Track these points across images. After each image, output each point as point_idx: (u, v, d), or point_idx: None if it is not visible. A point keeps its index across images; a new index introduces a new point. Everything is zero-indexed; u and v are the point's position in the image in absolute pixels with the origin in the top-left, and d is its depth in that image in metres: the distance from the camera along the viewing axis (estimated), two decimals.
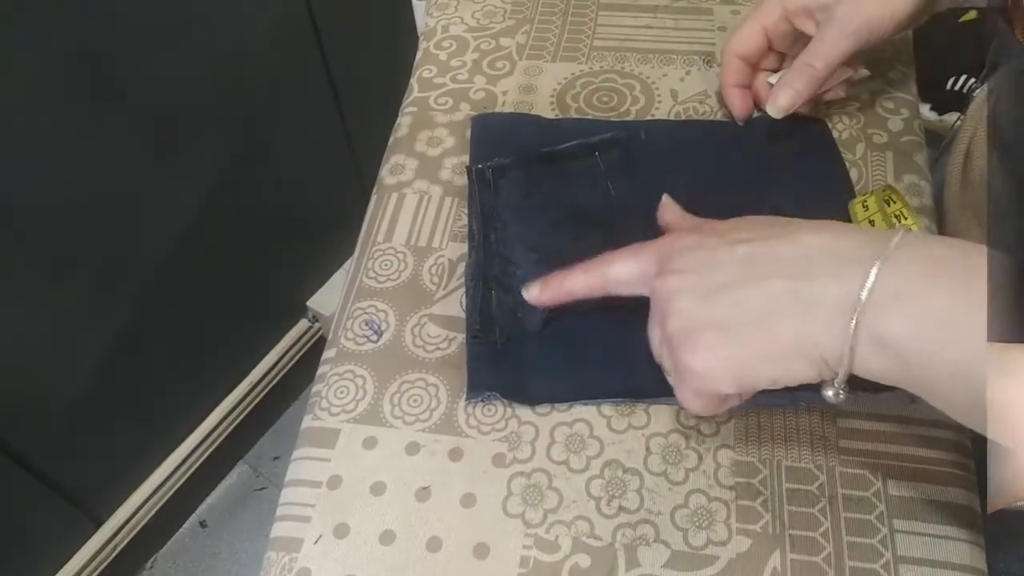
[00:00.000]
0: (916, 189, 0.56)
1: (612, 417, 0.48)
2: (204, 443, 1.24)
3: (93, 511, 1.13)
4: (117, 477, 1.15)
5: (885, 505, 0.44)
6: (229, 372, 1.26)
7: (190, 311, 1.11)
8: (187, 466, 1.23)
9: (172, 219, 1.00)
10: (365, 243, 0.56)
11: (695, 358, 0.38)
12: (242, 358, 1.27)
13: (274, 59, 1.04)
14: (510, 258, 0.54)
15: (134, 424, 1.11)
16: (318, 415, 0.49)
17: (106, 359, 1.00)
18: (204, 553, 1.29)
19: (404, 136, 0.62)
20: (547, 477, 0.46)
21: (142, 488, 1.18)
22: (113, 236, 0.92)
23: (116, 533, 1.16)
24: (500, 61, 0.67)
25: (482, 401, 0.48)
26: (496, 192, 0.57)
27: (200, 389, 1.22)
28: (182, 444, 1.22)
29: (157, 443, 1.19)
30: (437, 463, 0.46)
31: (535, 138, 0.60)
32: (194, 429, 1.23)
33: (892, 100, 0.62)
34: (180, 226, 1.01)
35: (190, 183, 1.00)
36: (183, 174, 0.98)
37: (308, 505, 0.45)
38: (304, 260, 1.30)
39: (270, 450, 1.37)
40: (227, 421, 1.26)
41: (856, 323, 0.34)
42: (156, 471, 1.19)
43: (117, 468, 1.14)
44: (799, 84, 0.55)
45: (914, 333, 0.33)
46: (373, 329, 0.52)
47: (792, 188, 0.56)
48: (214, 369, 1.22)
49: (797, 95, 0.55)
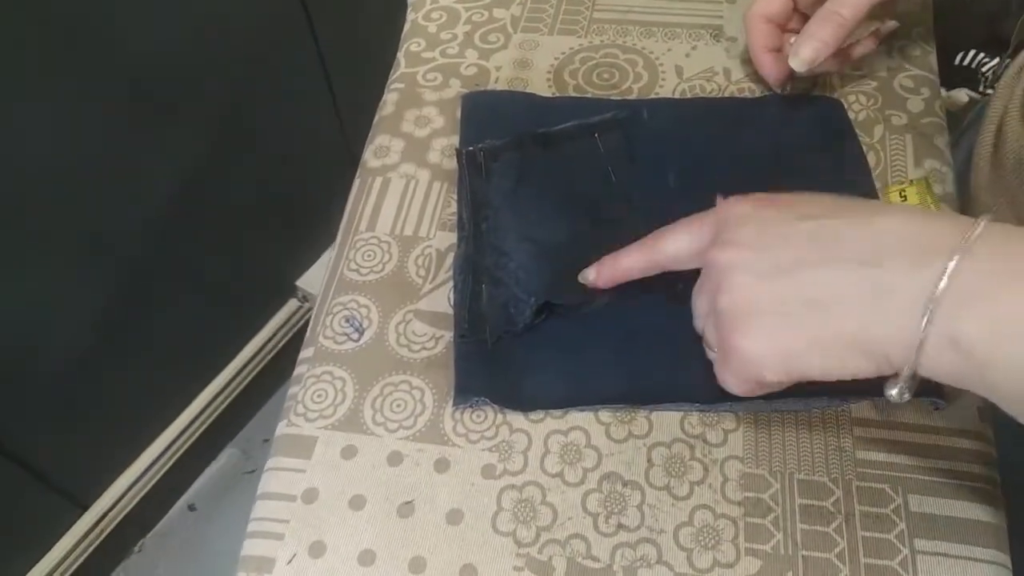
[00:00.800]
0: (938, 175, 0.53)
1: (611, 424, 0.44)
2: (192, 425, 1.22)
3: (78, 496, 1.11)
4: (102, 461, 1.13)
5: (906, 523, 0.40)
6: (217, 353, 1.23)
7: (176, 290, 1.08)
8: (175, 449, 1.21)
9: (154, 195, 0.96)
10: (346, 232, 0.53)
11: (747, 340, 0.35)
12: (231, 339, 1.24)
13: (260, 28, 0.99)
14: (502, 249, 0.50)
15: (119, 407, 1.09)
16: (293, 421, 0.45)
17: (88, 340, 0.97)
18: (193, 537, 1.27)
19: (390, 115, 0.58)
20: (540, 491, 0.42)
21: (128, 472, 1.16)
22: (94, 212, 0.89)
23: (102, 518, 1.14)
24: (493, 34, 0.62)
25: (470, 407, 0.45)
26: (488, 177, 0.53)
27: (187, 370, 1.19)
28: (169, 427, 1.19)
29: (143, 426, 1.17)
30: (421, 475, 0.43)
31: (530, 118, 0.56)
32: (181, 411, 1.20)
33: (912, 78, 0.58)
34: (163, 203, 0.97)
35: (173, 159, 0.96)
36: (166, 149, 0.94)
37: (281, 521, 0.42)
38: (293, 238, 1.27)
39: (260, 432, 1.34)
40: (215, 403, 1.24)
41: (928, 321, 0.30)
42: (143, 454, 1.17)
43: (102, 452, 1.12)
44: (824, 34, 0.50)
45: (994, 337, 0.30)
46: (354, 326, 0.48)
47: (808, 174, 0.52)
48: (202, 350, 1.19)
49: (823, 46, 0.51)
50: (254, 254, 1.21)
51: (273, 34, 1.02)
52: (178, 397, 1.19)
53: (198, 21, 0.90)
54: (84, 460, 1.09)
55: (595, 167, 0.53)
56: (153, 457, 1.17)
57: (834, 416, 0.44)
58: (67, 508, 1.10)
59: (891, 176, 0.52)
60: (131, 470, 1.16)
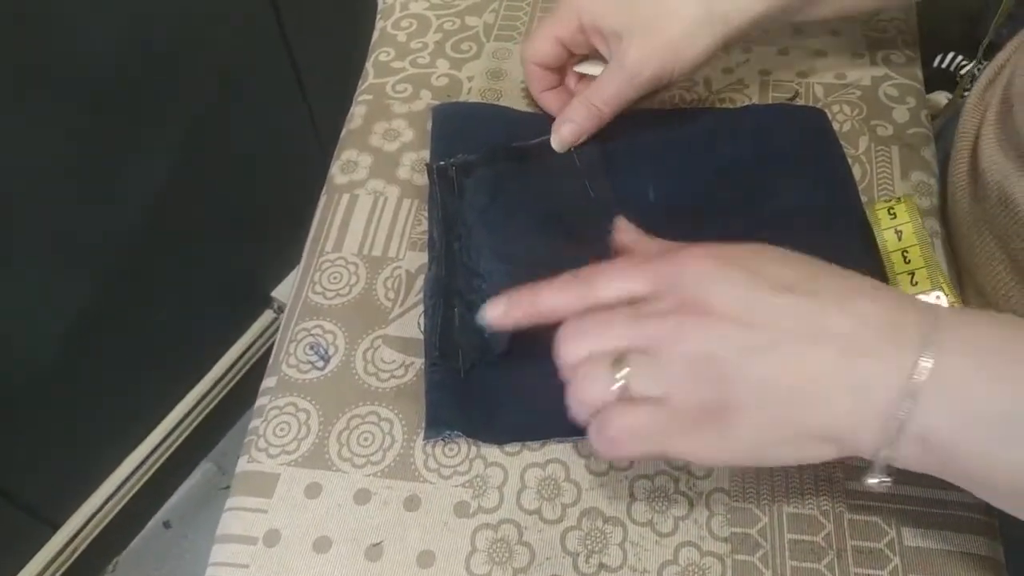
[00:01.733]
0: (925, 188, 0.51)
1: (590, 457, 0.42)
2: (166, 440, 1.19)
3: (48, 515, 1.08)
4: (73, 478, 1.10)
5: (900, 558, 0.38)
6: (191, 366, 1.20)
7: (149, 302, 1.05)
8: (149, 465, 1.18)
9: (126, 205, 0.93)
10: (312, 252, 0.50)
11: (690, 442, 0.32)
12: (205, 351, 1.22)
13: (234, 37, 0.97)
14: (476, 270, 0.47)
15: (91, 422, 1.06)
16: (254, 456, 0.43)
17: (58, 353, 0.94)
18: (168, 554, 1.24)
19: (358, 128, 0.56)
20: (517, 530, 0.40)
21: (101, 489, 1.13)
22: (64, 223, 0.86)
23: (74, 537, 1.11)
24: (466, 43, 0.60)
25: (443, 440, 0.42)
26: (460, 193, 0.50)
27: (161, 383, 1.17)
28: (143, 442, 1.16)
29: (116, 442, 1.14)
30: (391, 514, 0.40)
31: (504, 131, 0.53)
32: (155, 426, 1.17)
33: (896, 87, 0.56)
34: (135, 213, 0.95)
35: (146, 168, 0.94)
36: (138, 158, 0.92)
37: (241, 566, 0.39)
38: (268, 248, 1.24)
39: (235, 447, 1.31)
40: (190, 418, 1.21)
41: (903, 419, 0.30)
42: (116, 471, 1.14)
43: (73, 469, 1.09)
44: (581, 119, 0.50)
45: (964, 431, 0.29)
46: (319, 354, 0.45)
47: (792, 188, 0.50)
48: (175, 363, 1.17)
49: (582, 132, 0.50)
50: (228, 264, 1.18)
51: (246, 43, 1.00)
52: (152, 411, 1.16)
53: (172, 30, 0.88)
54: (54, 477, 1.05)
55: (572, 182, 0.51)
56: (126, 473, 1.15)
57: None
58: (37, 528, 1.06)
59: (877, 190, 0.51)
60: (103, 487, 1.13)
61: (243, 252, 1.19)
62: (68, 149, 0.82)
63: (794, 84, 0.56)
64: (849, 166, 0.51)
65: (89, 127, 0.83)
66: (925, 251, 0.45)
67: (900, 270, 0.45)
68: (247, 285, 1.24)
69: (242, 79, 1.02)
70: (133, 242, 0.96)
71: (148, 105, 0.89)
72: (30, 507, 1.03)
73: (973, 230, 0.46)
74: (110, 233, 0.93)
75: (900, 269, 0.45)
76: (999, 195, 0.44)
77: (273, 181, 1.17)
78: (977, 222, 0.46)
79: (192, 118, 0.97)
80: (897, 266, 0.45)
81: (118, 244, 0.94)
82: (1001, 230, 0.44)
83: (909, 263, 0.45)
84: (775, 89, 0.56)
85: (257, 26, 1.01)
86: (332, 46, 1.14)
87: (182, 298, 1.12)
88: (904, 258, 0.45)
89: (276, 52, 1.06)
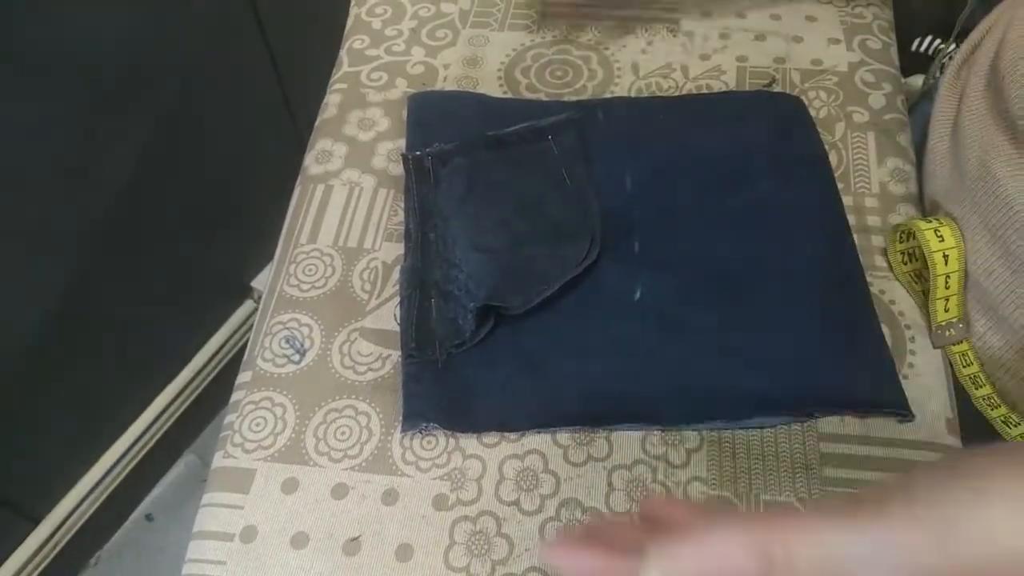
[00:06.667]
0: (901, 175, 0.51)
1: (569, 447, 0.42)
2: (147, 433, 1.18)
3: (29, 509, 1.07)
4: (53, 472, 1.09)
5: None
6: (171, 357, 1.19)
7: (127, 292, 1.04)
8: (130, 457, 1.17)
9: (102, 195, 0.92)
10: (286, 244, 0.50)
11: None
12: (185, 341, 1.21)
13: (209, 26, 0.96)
14: (452, 260, 0.47)
15: (70, 415, 1.05)
16: (230, 452, 0.42)
17: (35, 344, 0.93)
18: (151, 548, 1.23)
19: (332, 117, 0.55)
20: (495, 521, 0.40)
21: (82, 483, 1.12)
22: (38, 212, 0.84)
23: (55, 531, 1.10)
24: (441, 30, 0.59)
25: (420, 432, 0.42)
26: (437, 183, 0.50)
27: (141, 375, 1.16)
28: (124, 434, 1.15)
29: (96, 434, 1.13)
30: (369, 508, 0.40)
31: (481, 120, 0.53)
32: (136, 418, 1.16)
33: (873, 72, 0.56)
34: (111, 202, 0.93)
35: (122, 157, 0.92)
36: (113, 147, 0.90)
37: (217, 563, 0.39)
38: (248, 238, 1.23)
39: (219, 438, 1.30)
40: (171, 409, 1.20)
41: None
42: (96, 464, 1.13)
43: (53, 462, 1.08)
44: None
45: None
46: (295, 347, 0.45)
47: (769, 176, 0.50)
48: (155, 354, 1.16)
49: None
50: (207, 255, 1.17)
51: (222, 31, 0.98)
52: (132, 403, 1.15)
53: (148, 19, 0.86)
54: (34, 471, 1.05)
55: (549, 170, 0.51)
56: (107, 466, 1.13)
57: (800, 431, 0.42)
58: (17, 523, 1.05)
59: (854, 177, 0.51)
60: (84, 480, 1.12)
61: (222, 242, 1.18)
62: (42, 141, 0.81)
63: (771, 70, 0.56)
64: (826, 153, 0.51)
65: (63, 117, 0.82)
66: (963, 278, 0.44)
67: (940, 295, 0.44)
68: (227, 275, 1.23)
69: (218, 68, 1.00)
70: (111, 232, 0.95)
71: (123, 95, 0.88)
72: (10, 502, 1.02)
73: (955, 207, 0.46)
74: (88, 223, 0.92)
75: (940, 294, 0.44)
76: (980, 171, 0.44)
77: (251, 170, 1.16)
78: (954, 196, 0.46)
79: (168, 107, 0.96)
80: (939, 291, 0.44)
81: (94, 236, 0.93)
82: (978, 203, 0.44)
83: (949, 288, 0.44)
84: (752, 75, 0.56)
85: (232, 13, 1.00)
86: (309, 36, 1.13)
87: (162, 289, 1.11)
88: (946, 284, 0.44)
89: (253, 41, 1.05)
